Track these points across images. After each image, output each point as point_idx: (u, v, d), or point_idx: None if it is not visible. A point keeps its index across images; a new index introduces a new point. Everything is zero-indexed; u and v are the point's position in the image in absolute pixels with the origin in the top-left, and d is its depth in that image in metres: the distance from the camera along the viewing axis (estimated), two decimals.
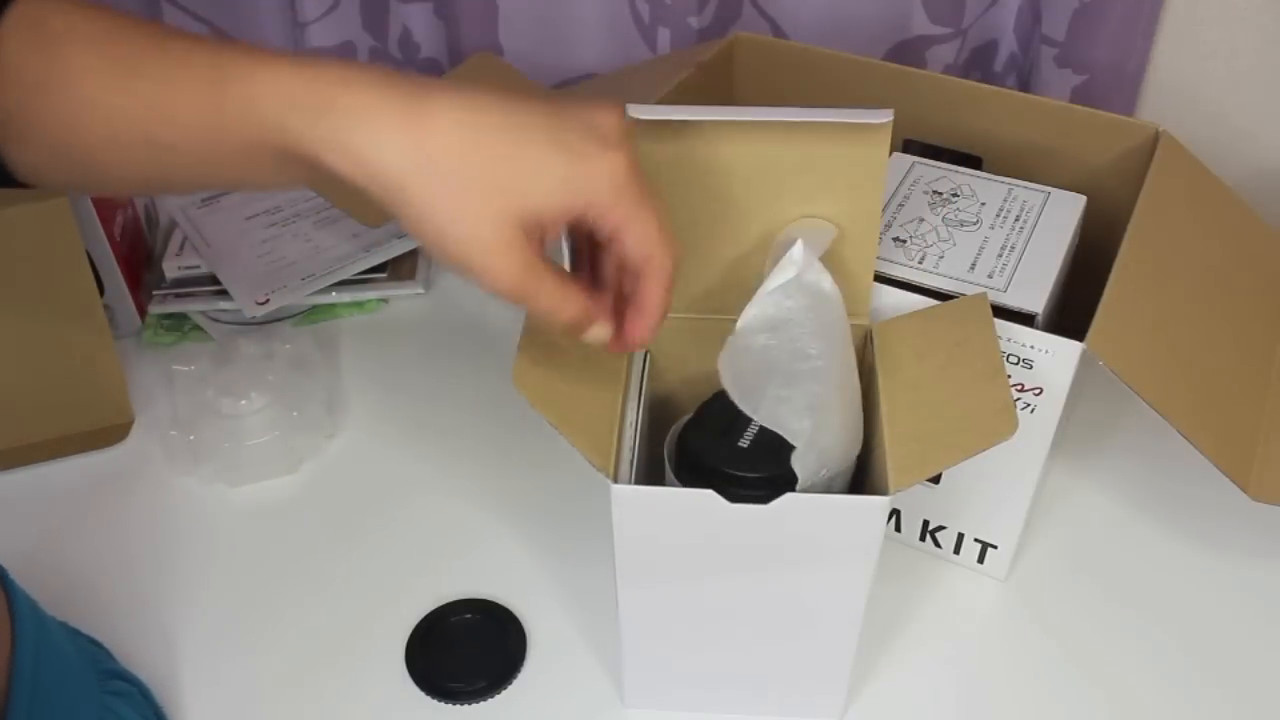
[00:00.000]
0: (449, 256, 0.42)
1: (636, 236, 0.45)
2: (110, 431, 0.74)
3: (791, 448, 0.49)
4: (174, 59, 0.45)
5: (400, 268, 0.86)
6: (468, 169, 0.41)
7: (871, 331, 0.56)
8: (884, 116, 0.50)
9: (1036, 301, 0.57)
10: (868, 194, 0.53)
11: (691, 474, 0.51)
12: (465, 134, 0.41)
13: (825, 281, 0.51)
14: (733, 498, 0.47)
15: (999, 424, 0.47)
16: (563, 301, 0.45)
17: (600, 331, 0.47)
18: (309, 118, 0.42)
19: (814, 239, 0.52)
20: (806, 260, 0.51)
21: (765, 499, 0.47)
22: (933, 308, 0.56)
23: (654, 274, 0.46)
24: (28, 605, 0.48)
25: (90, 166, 0.47)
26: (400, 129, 0.41)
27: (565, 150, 0.42)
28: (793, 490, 0.48)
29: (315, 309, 0.84)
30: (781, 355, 0.49)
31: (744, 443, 0.51)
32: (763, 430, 0.50)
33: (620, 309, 0.48)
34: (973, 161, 0.70)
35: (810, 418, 0.48)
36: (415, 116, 0.41)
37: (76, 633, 0.57)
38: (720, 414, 0.52)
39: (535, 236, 0.43)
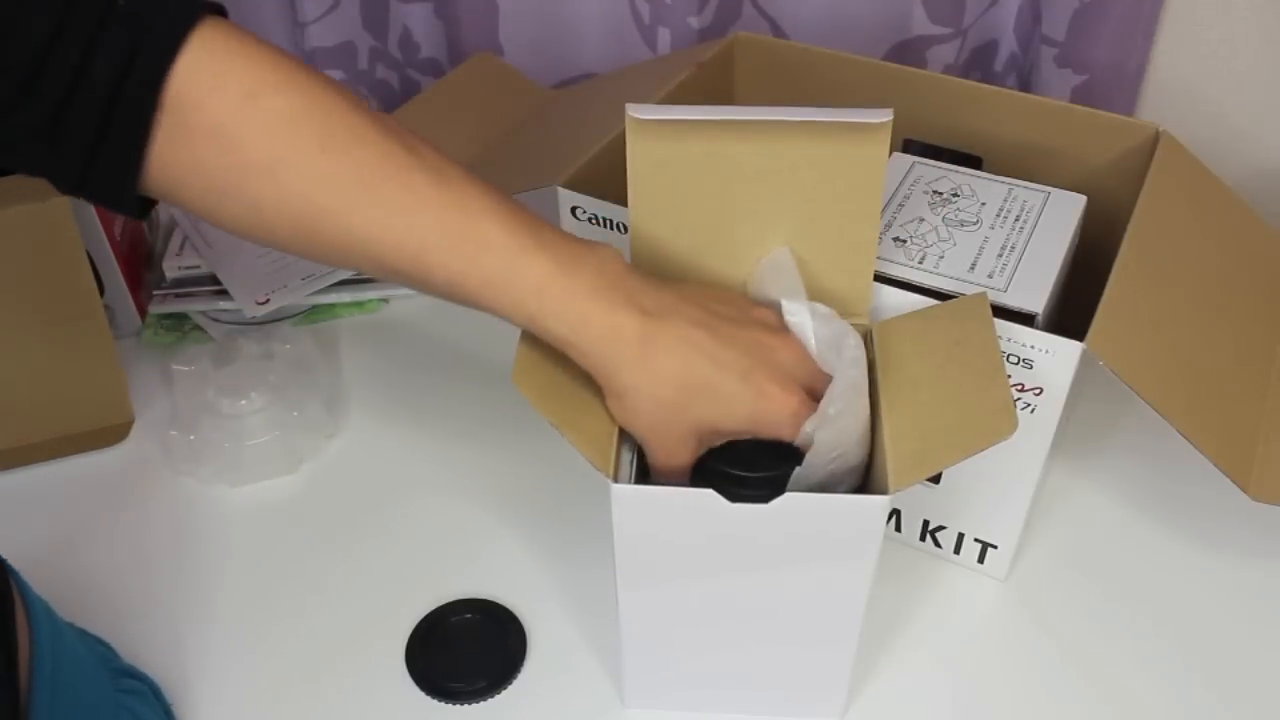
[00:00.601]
0: (634, 435, 0.51)
1: None
2: (110, 431, 0.74)
3: (790, 450, 0.49)
4: (413, 193, 0.47)
5: None
6: (674, 397, 0.49)
7: (871, 331, 0.56)
8: (883, 116, 0.50)
9: (1036, 301, 0.57)
10: (868, 194, 0.53)
11: (692, 473, 0.51)
12: (680, 370, 0.49)
13: (822, 309, 0.53)
14: (733, 497, 0.47)
15: (999, 423, 0.47)
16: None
17: None
18: (560, 321, 0.48)
19: (786, 281, 0.53)
20: (803, 309, 0.52)
21: (765, 498, 0.47)
22: (932, 307, 0.56)
23: None
24: (42, 607, 0.49)
25: (285, 244, 0.49)
26: (633, 356, 0.48)
27: (753, 388, 0.49)
28: (799, 464, 0.48)
29: (315, 309, 0.84)
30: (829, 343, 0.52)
31: (744, 442, 0.51)
32: None
33: None
34: (973, 161, 0.70)
35: (845, 398, 0.49)
36: (647, 347, 0.48)
37: (84, 633, 0.57)
38: None
39: (707, 442, 0.51)
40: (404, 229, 0.47)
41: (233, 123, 0.45)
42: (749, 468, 0.50)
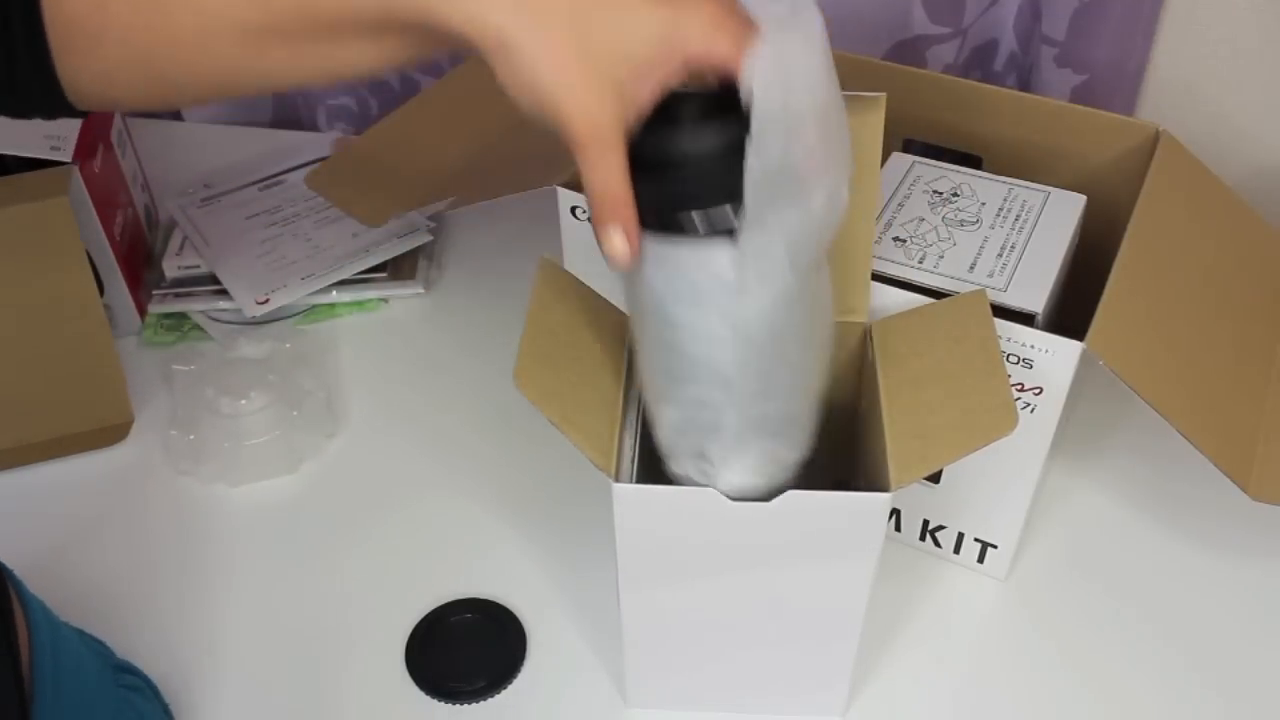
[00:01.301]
0: (541, 105, 0.42)
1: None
2: (110, 431, 0.74)
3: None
4: None
5: (400, 268, 0.86)
6: (566, 26, 0.42)
7: (870, 329, 0.56)
8: (875, 95, 0.50)
9: (1036, 301, 0.57)
10: (863, 176, 0.51)
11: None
12: None
13: None
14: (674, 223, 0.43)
15: (999, 420, 0.47)
16: (619, 180, 0.43)
17: (619, 240, 0.44)
18: None
19: None
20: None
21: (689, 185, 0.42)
22: (930, 305, 0.56)
23: None
24: (38, 606, 0.49)
25: (166, 70, 0.46)
26: None
27: (661, 1, 0.42)
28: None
29: (315, 309, 0.84)
30: None
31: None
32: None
33: None
34: (973, 161, 0.70)
35: (788, 47, 0.42)
36: None
37: (81, 632, 0.57)
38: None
39: (632, 97, 0.43)
40: None
41: None
42: (679, 122, 0.42)
